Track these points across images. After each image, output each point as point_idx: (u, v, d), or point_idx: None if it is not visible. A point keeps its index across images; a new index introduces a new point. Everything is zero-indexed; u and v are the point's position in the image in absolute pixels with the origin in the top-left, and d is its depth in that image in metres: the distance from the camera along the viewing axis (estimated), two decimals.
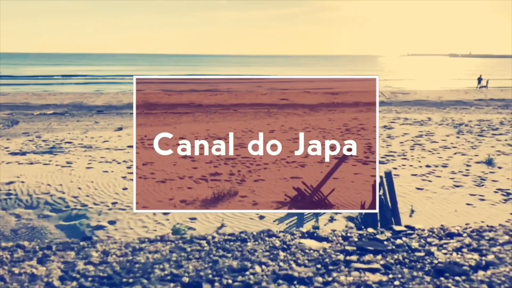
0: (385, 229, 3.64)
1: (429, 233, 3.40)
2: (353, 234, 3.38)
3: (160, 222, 6.61)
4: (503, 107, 25.27)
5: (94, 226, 6.56)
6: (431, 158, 10.75)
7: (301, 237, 3.32)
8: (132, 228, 6.45)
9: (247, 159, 11.56)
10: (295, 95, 21.18)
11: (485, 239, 3.06)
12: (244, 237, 3.47)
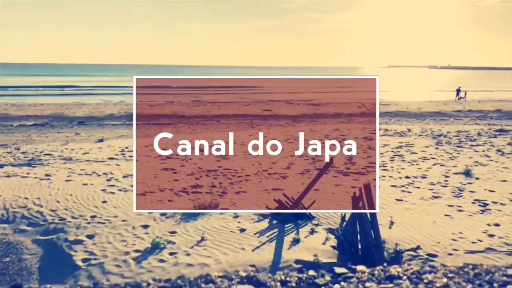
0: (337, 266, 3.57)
1: (369, 275, 3.37)
2: (293, 279, 3.33)
3: (140, 236, 6.53)
4: (481, 118, 25.77)
5: (72, 241, 6.45)
6: (411, 169, 10.88)
7: (239, 282, 3.27)
8: (111, 242, 6.36)
9: (229, 171, 11.47)
10: (278, 106, 21.46)
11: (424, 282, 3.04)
12: (180, 284, 3.39)
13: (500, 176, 10.04)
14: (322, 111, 31.29)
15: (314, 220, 7.18)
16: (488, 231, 6.58)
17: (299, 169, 11.39)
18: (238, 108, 36.82)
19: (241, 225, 6.91)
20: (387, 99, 41.30)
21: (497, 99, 43.24)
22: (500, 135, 16.55)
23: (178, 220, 7.18)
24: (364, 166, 11.66)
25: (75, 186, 9.15)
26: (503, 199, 8.24)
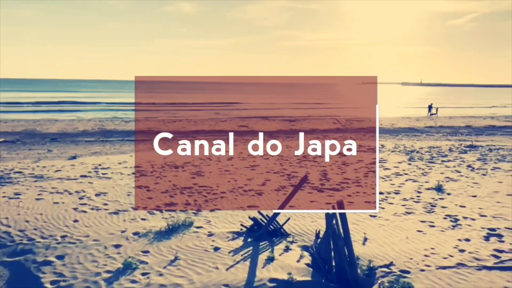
0: None
1: None
2: None
3: (111, 256, 6.39)
4: (452, 134, 26.38)
5: (41, 262, 6.26)
6: (384, 185, 11.02)
7: None
8: (81, 263, 6.19)
9: (204, 188, 11.40)
10: (254, 122, 21.76)
11: None
12: None
13: (470, 192, 10.26)
14: (298, 127, 31.50)
15: (289, 237, 7.17)
16: (459, 246, 6.70)
17: (274, 185, 11.44)
18: (214, 124, 36.58)
19: (215, 244, 6.83)
20: (361, 115, 41.92)
21: (467, 115, 44.42)
22: (470, 151, 16.95)
23: (151, 239, 7.05)
24: (339, 182, 11.79)
25: (46, 205, 8.93)
26: (473, 214, 8.41)
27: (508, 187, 10.67)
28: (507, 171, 12.73)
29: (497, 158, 15.09)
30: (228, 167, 13.17)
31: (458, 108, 63.93)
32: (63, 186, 10.61)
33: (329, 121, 34.75)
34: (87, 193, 9.94)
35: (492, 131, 29.03)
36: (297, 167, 13.40)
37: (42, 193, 9.90)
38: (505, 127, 31.66)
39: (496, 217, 8.19)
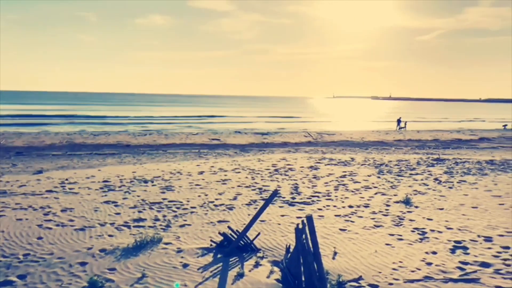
0: None
1: None
2: None
3: (76, 274, 6.18)
4: (420, 148, 26.97)
5: (1, 282, 6.00)
6: (354, 198, 11.13)
7: None
8: (44, 282, 5.97)
9: (174, 203, 11.23)
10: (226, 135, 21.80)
11: None
12: None
13: (437, 204, 10.46)
14: (270, 140, 31.59)
15: (259, 252, 7.12)
16: (426, 259, 6.79)
17: (245, 199, 11.37)
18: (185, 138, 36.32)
19: (184, 260, 6.71)
20: (332, 129, 42.45)
21: (434, 129, 45.57)
22: (438, 164, 17.35)
23: (118, 256, 6.88)
24: (310, 195, 11.83)
25: (8, 222, 8.61)
26: (440, 227, 8.56)
27: (473, 200, 10.94)
28: (472, 184, 13.06)
29: (463, 171, 15.48)
30: (199, 181, 13.05)
31: (426, 122, 65.55)
32: (28, 202, 10.27)
33: (300, 135, 35.02)
34: (52, 209, 9.65)
35: (458, 144, 29.84)
36: (269, 180, 13.40)
37: (5, 210, 9.55)
38: (470, 140, 32.61)
39: (462, 230, 8.36)
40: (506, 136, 36.38)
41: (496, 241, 7.66)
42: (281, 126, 49.58)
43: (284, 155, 20.57)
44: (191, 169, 15.39)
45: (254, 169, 15.61)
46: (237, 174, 14.49)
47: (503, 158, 20.22)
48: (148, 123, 50.28)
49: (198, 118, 61.74)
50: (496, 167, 16.60)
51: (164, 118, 58.57)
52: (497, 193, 11.82)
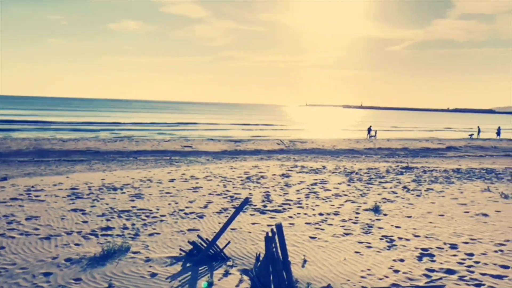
0: None
1: None
2: None
3: (40, 285, 5.99)
4: (389, 156, 27.49)
5: None
6: (324, 206, 11.21)
7: None
8: None
9: (143, 211, 11.06)
10: (198, 143, 21.65)
11: None
12: None
13: (405, 212, 10.64)
14: (243, 148, 31.55)
15: (229, 261, 7.07)
16: (394, 267, 6.88)
17: (216, 208, 11.29)
18: (157, 144, 35.96)
19: (152, 270, 6.60)
20: (304, 137, 42.79)
21: (404, 138, 46.50)
22: (406, 172, 17.68)
23: (84, 266, 6.71)
24: (281, 203, 11.85)
25: None
26: (407, 234, 8.71)
27: (440, 208, 11.18)
28: (439, 192, 13.36)
29: (430, 180, 15.82)
30: (170, 189, 12.91)
31: (395, 131, 66.89)
32: None
33: (273, 142, 35.14)
34: (16, 217, 9.36)
35: (426, 153, 30.55)
36: (241, 188, 13.37)
37: None
38: (438, 149, 33.42)
39: (429, 237, 8.53)
40: (472, 145, 37.46)
41: (461, 248, 7.84)
42: (254, 133, 49.70)
43: (257, 163, 20.60)
44: (162, 177, 15.22)
45: (226, 176, 15.56)
46: (209, 181, 14.40)
47: (469, 166, 20.79)
48: (119, 129, 49.57)
49: (171, 124, 61.25)
50: (462, 176, 17.04)
51: (136, 125, 57.87)
52: (463, 201, 12.12)
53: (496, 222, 9.80)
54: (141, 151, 26.12)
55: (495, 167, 20.44)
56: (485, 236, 8.63)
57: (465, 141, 43.04)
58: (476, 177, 16.83)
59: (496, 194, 13.08)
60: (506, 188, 14.26)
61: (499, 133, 53.63)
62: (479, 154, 31.03)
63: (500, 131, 54.73)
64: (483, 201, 12.14)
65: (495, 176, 17.17)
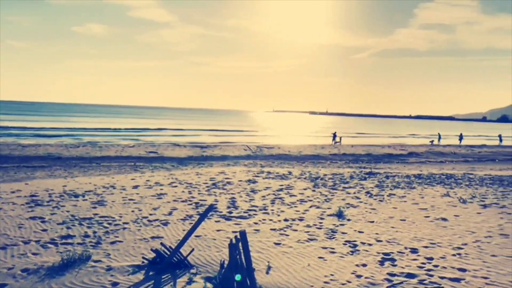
0: None
1: None
2: None
3: None
4: (354, 162, 27.96)
5: None
6: (290, 211, 11.27)
7: None
8: None
9: (105, 219, 10.82)
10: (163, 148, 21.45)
11: None
12: None
13: (368, 217, 10.83)
14: (209, 153, 31.38)
15: (192, 269, 7.00)
16: (357, 272, 6.98)
17: (181, 214, 11.16)
18: (121, 150, 35.27)
19: (114, 279, 6.45)
20: (271, 143, 42.99)
21: (367, 144, 47.44)
22: (370, 178, 18.02)
23: (42, 276, 6.49)
24: (247, 209, 11.83)
25: None
26: (370, 239, 8.86)
27: (401, 213, 11.44)
28: (401, 197, 13.68)
29: (392, 185, 16.18)
30: (133, 196, 12.68)
31: (360, 137, 68.17)
32: None
33: (240, 148, 35.15)
34: None
35: (389, 159, 31.24)
36: (206, 195, 13.28)
37: None
38: (400, 155, 34.26)
39: (390, 242, 8.70)
40: (433, 151, 38.59)
41: (421, 253, 8.04)
42: (221, 139, 49.56)
43: (223, 169, 20.53)
44: (125, 183, 14.94)
45: (192, 183, 15.43)
46: (174, 188, 14.24)
47: (429, 172, 21.39)
48: (83, 134, 48.41)
49: (136, 130, 60.32)
50: (423, 181, 17.51)
51: (100, 130, 56.66)
52: (423, 206, 12.45)
53: (455, 226, 10.11)
54: (105, 157, 25.58)
55: (454, 173, 21.12)
56: (444, 240, 8.88)
57: (426, 147, 44.30)
58: (437, 182, 17.33)
59: (455, 199, 13.50)
60: (464, 193, 14.74)
61: (461, 139, 55.72)
62: (440, 160, 32.00)
63: (462, 137, 56.90)
64: (442, 205, 12.50)
65: (454, 181, 17.73)
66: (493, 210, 11.95)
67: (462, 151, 41.14)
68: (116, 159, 24.87)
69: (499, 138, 60.43)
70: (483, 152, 41.19)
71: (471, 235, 9.34)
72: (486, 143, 57.70)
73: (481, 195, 14.37)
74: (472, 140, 64.74)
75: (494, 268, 7.26)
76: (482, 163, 30.22)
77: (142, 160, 24.68)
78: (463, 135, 59.14)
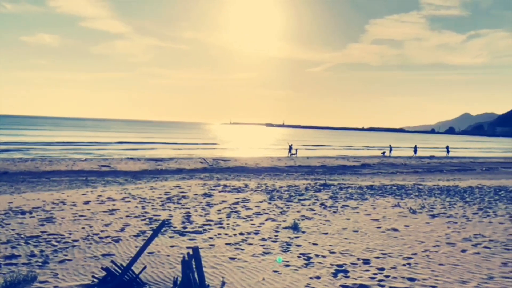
0: None
1: None
2: None
3: None
4: (309, 173, 28.35)
5: None
6: (245, 225, 11.25)
7: None
8: None
9: (54, 236, 10.41)
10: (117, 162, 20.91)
11: None
12: None
13: (322, 229, 10.97)
14: (165, 167, 30.88)
15: (145, 286, 6.82)
16: (311, 284, 7.03)
17: (134, 231, 10.88)
18: (72, 164, 34.24)
19: None
20: (228, 155, 42.94)
21: (322, 155, 48.30)
22: (324, 189, 18.31)
23: None
24: (202, 224, 11.70)
25: None
26: (324, 251, 8.97)
27: (354, 224, 11.66)
28: (354, 209, 13.96)
29: (346, 196, 16.50)
30: (84, 212, 12.27)
31: (315, 149, 69.28)
32: None
33: (196, 161, 34.85)
34: None
35: (343, 170, 31.91)
36: (160, 209, 13.04)
37: None
38: (354, 166, 35.07)
39: (344, 253, 8.84)
40: (385, 163, 39.78)
41: (373, 263, 8.21)
42: (177, 152, 48.99)
43: (178, 182, 20.26)
44: (76, 199, 14.44)
45: (146, 197, 15.12)
46: (127, 203, 13.90)
47: (381, 183, 21.99)
48: (32, 148, 46.53)
49: (89, 143, 58.64)
50: (375, 192, 17.97)
51: (50, 144, 54.66)
52: (375, 216, 12.75)
53: (405, 236, 10.41)
54: (55, 171, 24.68)
55: (404, 184, 21.81)
56: (395, 251, 9.12)
57: (378, 158, 45.61)
58: (388, 193, 17.83)
59: (405, 210, 13.92)
60: (414, 203, 15.23)
61: (416, 151, 57.79)
62: (391, 171, 33.00)
63: (417, 149, 59.06)
64: (393, 216, 12.86)
65: (404, 192, 18.30)
66: (441, 220, 12.41)
67: (412, 162, 42.62)
68: (67, 173, 24.04)
69: (447, 150, 63.32)
70: (432, 163, 42.86)
71: (420, 244, 9.65)
72: (434, 154, 60.12)
73: (430, 205, 14.91)
74: (422, 152, 67.32)
75: (441, 277, 7.52)
76: (431, 174, 31.41)
77: (95, 175, 23.99)
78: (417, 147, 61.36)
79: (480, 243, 9.81)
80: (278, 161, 36.59)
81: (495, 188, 19.91)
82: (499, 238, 10.30)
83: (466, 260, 8.50)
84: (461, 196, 17.14)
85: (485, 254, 8.90)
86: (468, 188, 19.97)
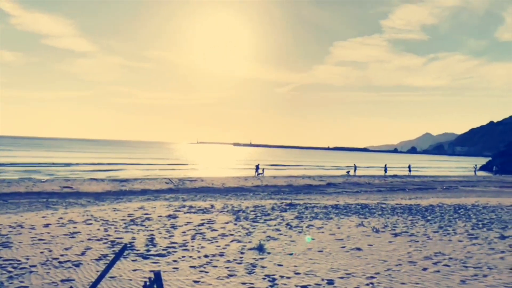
0: None
1: None
2: None
3: None
4: (275, 193, 28.44)
5: None
6: (210, 247, 11.14)
7: None
8: None
9: (10, 262, 10.04)
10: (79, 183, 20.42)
11: None
12: None
13: (288, 249, 10.99)
14: (129, 188, 30.29)
15: None
16: None
17: (95, 254, 10.59)
18: (32, 185, 33.24)
19: None
20: (194, 175, 42.62)
21: (289, 175, 48.63)
22: (290, 209, 18.40)
23: None
24: (166, 246, 11.51)
25: None
26: (289, 272, 8.98)
27: (319, 244, 11.75)
28: (319, 228, 14.07)
29: (311, 216, 16.63)
30: (43, 236, 11.87)
31: (281, 169, 69.71)
32: None
33: (161, 181, 34.38)
34: None
35: (309, 190, 32.19)
36: (123, 232, 12.76)
37: None
38: (319, 186, 35.46)
39: (308, 274, 8.87)
40: (349, 182, 40.42)
41: (337, 283, 8.27)
42: (142, 173, 48.25)
43: (143, 204, 19.92)
44: (35, 222, 13.96)
45: (108, 219, 14.77)
46: (89, 226, 13.54)
47: (346, 202, 22.30)
48: None
49: (51, 164, 56.98)
50: (340, 211, 18.20)
51: (9, 165, 52.79)
52: (340, 236, 12.89)
53: (368, 255, 10.56)
54: (14, 193, 23.82)
55: (368, 202, 22.19)
56: (359, 270, 9.23)
57: (343, 178, 46.30)
58: (352, 212, 18.08)
59: (368, 229, 14.14)
60: (377, 222, 15.50)
61: (386, 170, 59.04)
62: (355, 190, 33.53)
63: (387, 168, 60.36)
64: (357, 235, 13.03)
65: (368, 211, 18.62)
66: (403, 239, 12.67)
67: (376, 181, 43.46)
68: (26, 195, 23.25)
69: (409, 168, 65.06)
70: (395, 182, 43.85)
71: (383, 263, 9.80)
72: (397, 173, 61.56)
73: (393, 224, 15.21)
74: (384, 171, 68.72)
75: None
76: (394, 193, 32.10)
77: (56, 196, 23.29)
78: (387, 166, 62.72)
79: (440, 261, 10.07)
80: (245, 181, 36.58)
81: (454, 206, 20.54)
82: (458, 256, 10.61)
83: (427, 278, 8.69)
84: (423, 215, 17.58)
85: (445, 272, 9.13)
86: (429, 206, 20.51)
